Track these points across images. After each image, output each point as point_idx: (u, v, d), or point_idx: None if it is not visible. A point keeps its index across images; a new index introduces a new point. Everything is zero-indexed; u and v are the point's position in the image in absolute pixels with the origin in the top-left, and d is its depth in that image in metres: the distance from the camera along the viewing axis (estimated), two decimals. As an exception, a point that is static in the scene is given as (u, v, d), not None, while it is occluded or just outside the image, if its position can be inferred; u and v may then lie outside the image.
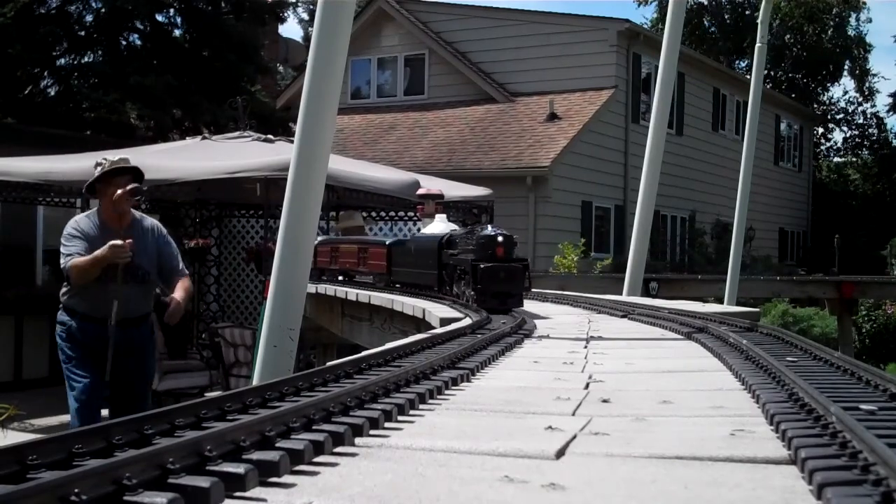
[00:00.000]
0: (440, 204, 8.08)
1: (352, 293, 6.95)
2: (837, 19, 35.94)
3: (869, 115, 38.52)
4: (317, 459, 1.52)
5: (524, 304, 5.01)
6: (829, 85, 37.92)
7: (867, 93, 37.66)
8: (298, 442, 1.51)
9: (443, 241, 5.49)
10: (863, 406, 1.79)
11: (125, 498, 1.17)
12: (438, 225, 7.42)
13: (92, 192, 5.41)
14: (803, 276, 20.93)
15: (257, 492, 1.32)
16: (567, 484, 1.38)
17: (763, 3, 14.74)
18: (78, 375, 5.25)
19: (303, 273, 4.70)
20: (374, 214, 12.60)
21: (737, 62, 35.01)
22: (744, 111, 18.15)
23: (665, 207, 19.51)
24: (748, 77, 17.53)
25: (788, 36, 35.56)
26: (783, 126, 28.99)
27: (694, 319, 4.25)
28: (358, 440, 1.67)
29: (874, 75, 37.75)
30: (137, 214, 5.49)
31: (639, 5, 35.74)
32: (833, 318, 16.86)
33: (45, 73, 16.28)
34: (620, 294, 9.37)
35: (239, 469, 1.31)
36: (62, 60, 16.35)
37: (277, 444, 1.49)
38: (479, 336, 3.38)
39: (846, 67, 37.16)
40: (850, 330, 16.82)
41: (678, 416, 2.02)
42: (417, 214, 8.68)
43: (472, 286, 4.91)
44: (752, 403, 2.11)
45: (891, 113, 36.14)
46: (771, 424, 1.79)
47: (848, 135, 39.00)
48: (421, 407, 2.06)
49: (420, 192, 8.62)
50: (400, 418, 1.90)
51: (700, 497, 1.34)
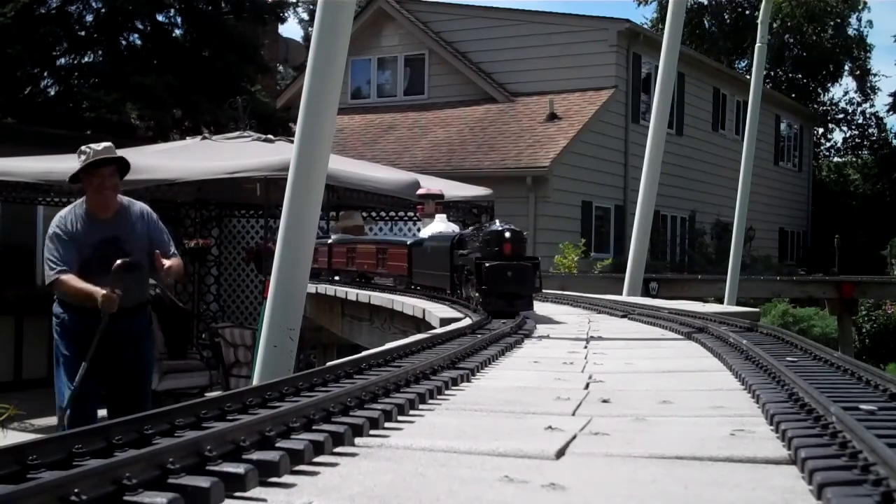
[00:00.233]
0: (440, 204, 8.09)
1: (352, 293, 6.96)
2: (838, 19, 35.95)
3: (869, 115, 38.58)
4: (317, 459, 1.52)
5: (534, 307, 4.68)
6: (829, 85, 37.96)
7: (868, 93, 37.70)
8: (298, 442, 1.51)
9: (454, 241, 5.14)
10: (863, 406, 1.79)
11: (125, 498, 1.17)
12: (438, 225, 7.43)
13: (77, 181, 5.30)
14: (803, 276, 20.93)
15: (257, 492, 1.32)
16: (567, 484, 1.38)
17: (763, 3, 14.74)
18: (69, 374, 5.16)
19: (303, 273, 4.70)
20: (374, 214, 12.60)
21: (737, 62, 35.02)
22: (744, 111, 18.15)
23: (665, 207, 19.51)
24: (748, 77, 17.53)
25: (788, 36, 35.55)
26: (783, 126, 28.99)
27: (694, 319, 4.25)
28: (358, 440, 1.67)
29: (874, 75, 37.82)
30: (125, 201, 5.35)
31: (639, 5, 35.78)
32: (833, 318, 16.86)
33: (45, 73, 16.28)
34: (620, 294, 9.38)
35: (239, 469, 1.31)
36: (62, 60, 16.35)
37: (277, 444, 1.49)
38: (479, 336, 3.38)
39: (847, 67, 37.18)
40: (850, 330, 16.82)
41: (678, 416, 2.02)
42: (417, 214, 8.68)
43: (477, 287, 4.57)
44: (752, 403, 2.11)
45: (891, 113, 36.17)
46: (771, 424, 1.79)
47: (848, 135, 39.06)
48: (421, 407, 2.06)
49: (420, 192, 8.63)
50: (400, 418, 1.90)
51: (700, 497, 1.34)
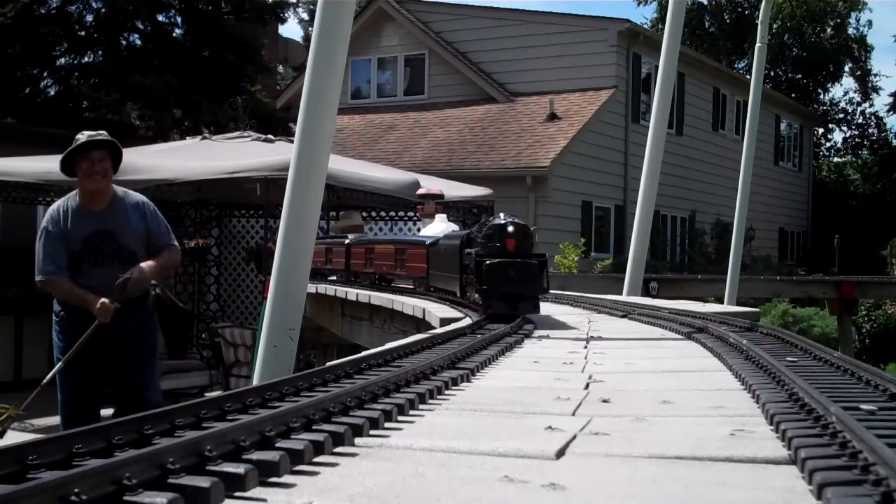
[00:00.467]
0: (440, 204, 8.09)
1: (352, 293, 6.96)
2: (838, 19, 35.96)
3: (869, 115, 38.60)
4: (317, 459, 1.52)
5: (541, 309, 4.30)
6: (828, 85, 37.97)
7: (869, 93, 37.70)
8: (298, 442, 1.51)
9: (464, 240, 4.72)
10: (863, 406, 1.79)
11: (125, 498, 1.17)
12: (438, 225, 7.42)
13: (70, 172, 5.06)
14: (803, 276, 20.93)
15: (257, 492, 1.32)
16: (567, 484, 1.38)
17: (763, 3, 14.74)
18: (68, 373, 5.05)
19: (303, 273, 4.70)
20: (374, 214, 12.60)
21: (737, 62, 35.02)
22: (744, 111, 18.15)
23: (665, 207, 19.52)
24: (748, 77, 17.53)
25: (788, 36, 35.56)
26: (783, 126, 29.00)
27: (694, 319, 4.25)
28: (358, 440, 1.67)
29: (875, 75, 37.84)
30: (120, 191, 5.14)
31: (639, 5, 35.81)
32: (833, 318, 16.86)
33: (45, 73, 16.29)
34: (620, 294, 9.37)
35: (239, 469, 1.31)
36: (62, 60, 16.36)
37: (277, 444, 1.49)
38: (479, 336, 3.38)
39: (847, 68, 37.19)
40: (850, 330, 16.81)
41: (678, 416, 2.02)
42: (417, 214, 8.68)
43: (477, 287, 4.21)
44: (752, 403, 2.11)
45: (891, 112, 36.20)
46: (771, 424, 1.79)
47: (848, 135, 39.07)
48: (421, 407, 2.06)
49: (420, 192, 8.63)
50: (400, 418, 1.90)
51: (700, 497, 1.34)
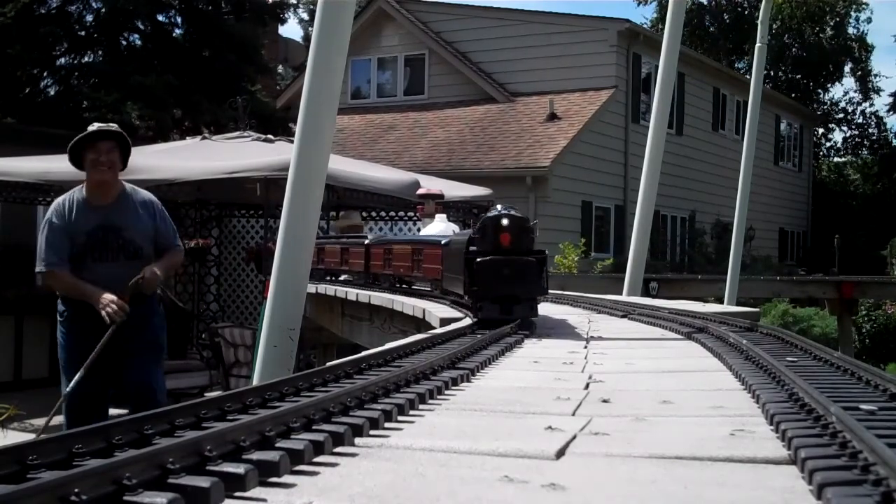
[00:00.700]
0: (440, 204, 8.09)
1: (352, 293, 6.96)
2: (837, 19, 35.97)
3: (869, 115, 38.60)
4: (317, 459, 1.52)
5: (539, 312, 3.93)
6: (828, 85, 37.98)
7: (869, 93, 37.71)
8: (298, 442, 1.51)
9: (469, 239, 4.20)
10: (863, 406, 1.79)
11: (125, 498, 1.17)
12: (438, 225, 7.43)
13: (78, 164, 5.00)
14: (803, 276, 20.94)
15: (257, 492, 1.32)
16: (567, 484, 1.38)
17: (763, 3, 14.74)
18: (71, 375, 4.93)
19: (303, 273, 4.70)
20: (374, 214, 12.61)
21: (737, 62, 35.03)
22: (744, 111, 18.15)
23: (665, 207, 19.52)
24: (748, 77, 17.54)
25: (788, 36, 35.58)
26: (783, 126, 29.00)
27: (694, 319, 4.25)
28: (358, 440, 1.67)
29: (875, 75, 37.84)
30: (128, 187, 5.09)
31: (639, 5, 35.83)
32: (833, 318, 16.86)
33: (45, 73, 16.29)
34: (620, 294, 9.37)
35: (239, 469, 1.31)
36: (62, 60, 16.36)
37: (277, 444, 1.49)
38: (479, 336, 3.37)
39: (848, 68, 37.20)
40: (850, 330, 16.82)
41: (678, 416, 2.02)
42: (417, 214, 8.68)
43: (466, 288, 3.85)
44: (752, 403, 2.11)
45: (891, 112, 36.20)
46: (771, 424, 1.79)
47: (848, 134, 39.08)
48: (421, 407, 2.06)
49: (420, 192, 8.63)
50: (400, 418, 1.90)
51: (700, 497, 1.34)
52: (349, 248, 7.90)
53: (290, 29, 72.57)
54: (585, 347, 3.54)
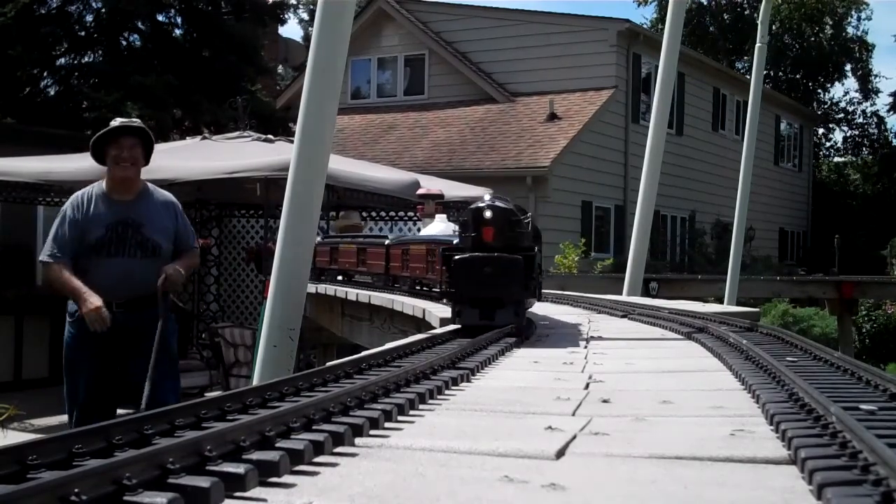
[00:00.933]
0: (440, 204, 8.08)
1: (352, 293, 6.95)
2: (836, 18, 35.96)
3: (869, 115, 38.60)
4: (317, 459, 1.52)
5: (526, 318, 3.61)
6: (828, 85, 37.99)
7: (870, 92, 37.71)
8: (298, 442, 1.51)
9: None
10: (863, 406, 1.79)
11: (125, 498, 1.17)
12: (438, 225, 7.42)
13: (100, 159, 4.92)
14: (803, 276, 20.94)
15: (257, 492, 1.32)
16: (567, 484, 1.38)
17: (763, 3, 14.75)
18: (76, 378, 4.85)
19: (303, 273, 4.70)
20: (374, 214, 12.60)
21: (737, 62, 35.03)
22: (744, 111, 18.16)
23: (665, 207, 19.52)
24: (748, 77, 17.54)
25: (787, 36, 35.58)
26: (783, 126, 29.00)
27: (694, 319, 4.25)
28: (358, 440, 1.67)
29: (875, 75, 37.84)
30: (150, 186, 5.03)
31: (639, 5, 35.81)
32: (833, 318, 16.86)
33: (46, 73, 16.29)
34: (620, 294, 9.38)
35: (239, 469, 1.31)
36: (62, 60, 16.36)
37: (277, 444, 1.49)
38: (478, 336, 3.37)
39: (848, 67, 37.20)
40: (850, 330, 16.82)
41: (678, 416, 2.02)
42: (417, 214, 8.68)
43: (443, 289, 3.49)
44: (752, 403, 2.11)
45: (891, 112, 36.20)
46: (771, 424, 1.79)
47: (848, 134, 39.07)
48: (421, 407, 2.06)
49: (420, 192, 8.62)
50: (400, 418, 1.90)
51: (700, 497, 1.34)
52: (367, 248, 7.51)
53: (290, 29, 72.59)
54: (585, 347, 3.54)
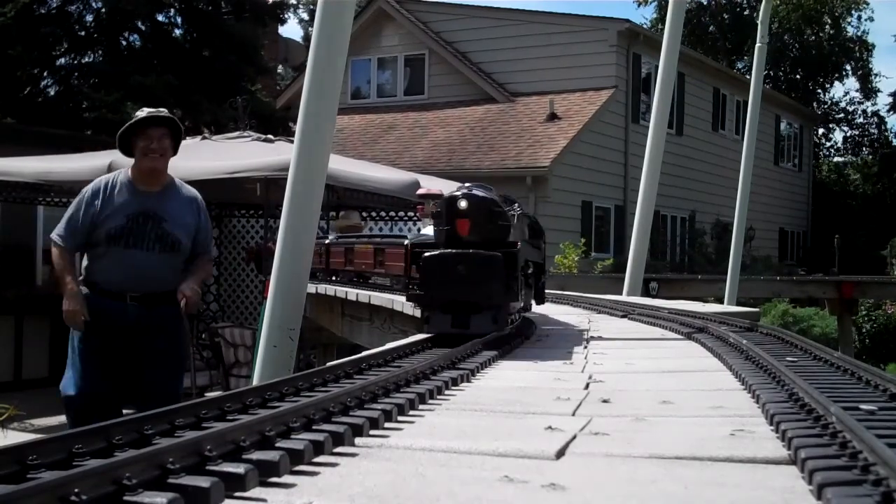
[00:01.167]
0: (440, 204, 8.06)
1: (352, 293, 6.95)
2: (836, 16, 35.95)
3: (869, 115, 38.61)
4: (317, 459, 1.52)
5: (506, 326, 3.15)
6: (828, 85, 38.00)
7: (871, 92, 37.71)
8: (298, 442, 1.51)
9: None
10: (863, 406, 1.79)
11: (125, 498, 1.17)
12: (439, 225, 7.40)
13: (127, 151, 4.76)
14: (803, 276, 20.94)
15: (257, 492, 1.32)
16: (567, 484, 1.38)
17: (763, 3, 14.75)
18: (80, 369, 4.70)
19: (303, 273, 4.70)
20: (374, 214, 12.60)
21: (737, 62, 35.03)
22: (744, 111, 18.16)
23: (665, 207, 19.52)
24: (748, 77, 17.54)
25: (787, 36, 35.58)
26: (783, 126, 29.00)
27: (694, 319, 4.26)
28: (358, 440, 1.67)
29: (875, 75, 37.85)
30: (177, 181, 4.91)
31: (639, 5, 35.82)
32: (833, 318, 16.86)
33: (46, 73, 16.28)
34: (620, 294, 9.38)
35: (239, 469, 1.31)
36: (62, 60, 16.35)
37: (277, 444, 1.50)
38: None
39: (849, 67, 37.20)
40: (850, 330, 16.82)
41: (678, 417, 2.02)
42: (417, 214, 8.68)
43: (409, 292, 3.05)
44: (752, 403, 2.11)
45: (891, 112, 36.21)
46: (771, 424, 1.79)
47: (848, 134, 39.07)
48: (421, 407, 2.06)
49: (420, 192, 8.61)
50: (400, 418, 1.90)
51: (700, 497, 1.34)
52: (385, 248, 7.10)
53: (290, 29, 72.59)
54: (585, 347, 3.54)
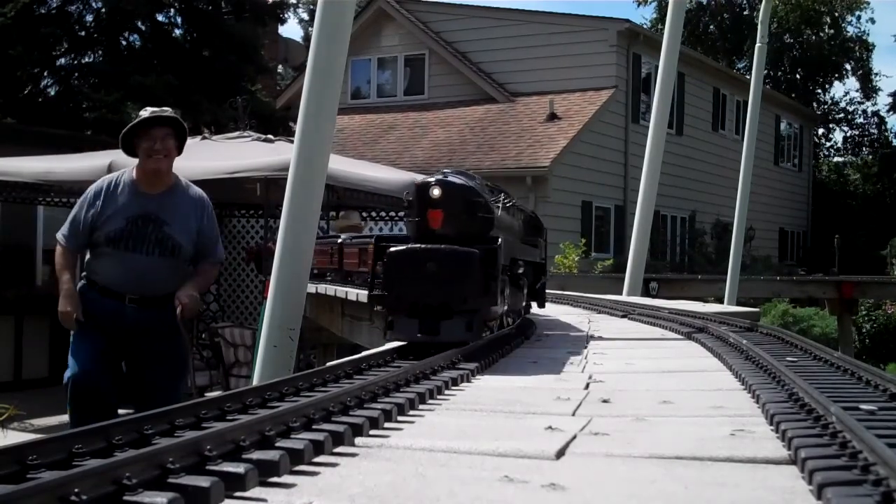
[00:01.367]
0: (440, 204, 8.05)
1: (352, 293, 6.95)
2: (836, 14, 35.94)
3: (869, 115, 38.60)
4: (317, 459, 1.52)
5: (483, 334, 2.80)
6: (828, 86, 38.00)
7: (871, 92, 37.70)
8: (298, 442, 1.51)
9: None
10: (863, 406, 1.79)
11: (125, 498, 1.17)
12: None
13: (131, 151, 4.66)
14: (803, 276, 20.94)
15: (257, 492, 1.32)
16: (567, 484, 1.38)
17: (763, 3, 14.75)
18: (79, 347, 4.65)
19: (303, 273, 4.70)
20: (374, 214, 12.60)
21: (737, 62, 35.03)
22: (744, 111, 18.16)
23: (665, 207, 19.51)
24: (748, 77, 17.54)
25: (787, 36, 35.58)
26: (783, 126, 28.99)
27: (694, 319, 4.26)
28: (358, 440, 1.67)
29: (875, 74, 37.85)
30: (183, 181, 4.78)
31: (639, 5, 35.80)
32: (833, 318, 16.86)
33: (46, 73, 16.28)
34: (620, 294, 9.38)
35: (239, 469, 1.31)
36: (62, 60, 16.35)
37: (277, 444, 1.49)
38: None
39: (849, 67, 37.19)
40: (850, 330, 16.82)
41: (678, 416, 2.02)
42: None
43: (372, 292, 2.70)
44: (752, 403, 2.11)
45: (891, 112, 36.20)
46: (771, 424, 1.79)
47: (848, 134, 39.07)
48: (421, 407, 2.06)
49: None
50: (400, 418, 1.90)
51: (700, 497, 1.34)
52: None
53: (290, 29, 72.60)
54: (585, 347, 3.54)
